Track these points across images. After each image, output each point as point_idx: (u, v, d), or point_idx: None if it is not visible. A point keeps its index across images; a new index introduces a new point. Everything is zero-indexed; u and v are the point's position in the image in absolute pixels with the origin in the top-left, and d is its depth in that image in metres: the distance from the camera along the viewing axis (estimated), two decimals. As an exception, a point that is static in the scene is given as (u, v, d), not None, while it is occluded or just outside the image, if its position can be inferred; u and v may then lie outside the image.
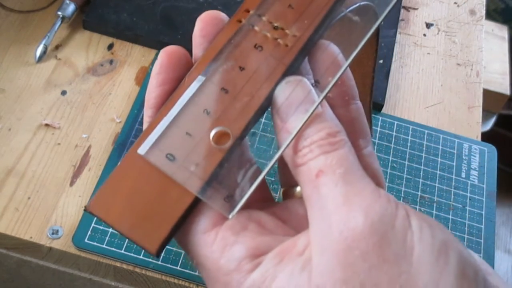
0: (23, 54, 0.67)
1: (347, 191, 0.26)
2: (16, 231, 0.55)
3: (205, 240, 0.28)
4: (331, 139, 0.27)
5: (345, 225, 0.25)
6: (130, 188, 0.28)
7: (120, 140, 0.61)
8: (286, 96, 0.29)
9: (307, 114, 0.28)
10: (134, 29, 0.69)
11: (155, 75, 0.30)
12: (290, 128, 0.28)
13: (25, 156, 0.60)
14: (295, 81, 0.29)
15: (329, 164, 0.27)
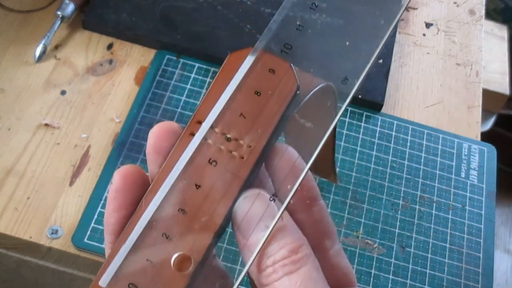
0: (22, 54, 0.67)
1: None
2: (16, 231, 0.55)
3: None
4: (293, 257, 0.27)
5: None
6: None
7: (120, 140, 0.61)
8: (245, 212, 0.28)
9: (267, 230, 0.27)
10: (133, 29, 0.69)
11: (111, 200, 0.29)
12: (251, 245, 0.28)
13: (25, 156, 0.60)
14: (253, 195, 0.28)
15: (293, 285, 0.27)
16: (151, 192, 0.29)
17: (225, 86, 0.30)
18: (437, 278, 0.58)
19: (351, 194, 0.62)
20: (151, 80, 0.66)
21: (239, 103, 0.30)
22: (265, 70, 0.30)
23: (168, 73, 0.67)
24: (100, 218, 0.56)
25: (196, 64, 0.68)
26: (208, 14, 0.71)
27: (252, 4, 0.72)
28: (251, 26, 0.70)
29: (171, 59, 0.68)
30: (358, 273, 0.57)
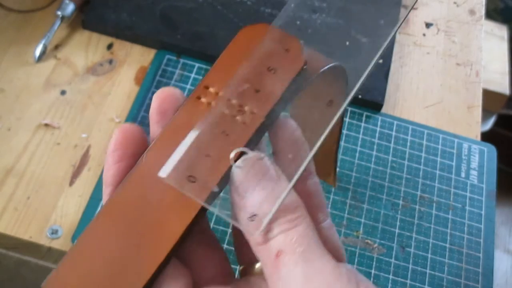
0: (22, 53, 0.67)
1: (308, 270, 0.26)
2: (16, 231, 0.55)
3: None
4: (289, 216, 0.27)
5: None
6: (86, 267, 0.28)
7: (120, 140, 0.61)
8: (244, 173, 0.28)
9: (263, 190, 0.28)
10: (133, 28, 0.69)
11: (111, 152, 0.30)
12: (248, 205, 0.28)
13: (25, 156, 0.60)
14: (254, 157, 0.29)
15: (289, 242, 0.27)
16: (153, 148, 0.30)
17: (234, 57, 0.31)
18: (437, 278, 0.58)
19: (351, 194, 0.62)
20: (151, 80, 0.66)
21: (246, 73, 0.31)
22: (274, 45, 0.31)
23: (168, 73, 0.67)
24: (100, 218, 0.56)
25: (196, 64, 0.68)
26: (208, 14, 0.70)
27: (252, 4, 0.72)
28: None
29: (171, 59, 0.68)
30: (358, 273, 0.57)
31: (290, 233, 0.27)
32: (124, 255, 0.28)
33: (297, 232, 0.27)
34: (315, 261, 0.27)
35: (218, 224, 0.58)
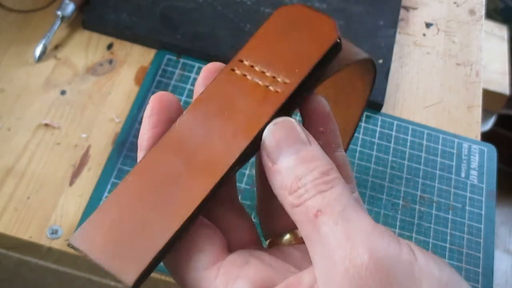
0: (22, 53, 0.67)
1: (348, 228, 0.26)
2: (16, 231, 0.55)
3: (206, 276, 0.28)
4: (325, 178, 0.28)
5: (350, 262, 0.26)
6: (113, 221, 0.28)
7: (120, 140, 0.61)
8: (274, 137, 0.29)
9: (296, 154, 0.28)
10: (133, 28, 0.69)
11: (147, 117, 0.31)
12: (281, 168, 0.28)
13: (25, 156, 0.60)
14: (284, 121, 0.29)
15: (327, 203, 0.27)
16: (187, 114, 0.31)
17: (269, 35, 0.32)
18: (437, 278, 0.58)
19: (351, 194, 0.62)
20: (151, 80, 0.66)
21: (281, 46, 0.32)
22: (310, 23, 0.32)
23: (168, 73, 0.67)
24: (100, 218, 0.56)
25: (196, 64, 0.68)
26: (208, 14, 0.71)
27: (252, 4, 0.72)
28: (251, 26, 0.70)
29: (171, 59, 0.68)
30: (358, 273, 0.57)
31: (328, 194, 0.27)
32: (151, 211, 0.28)
33: (335, 193, 0.27)
34: (354, 220, 0.27)
35: (218, 224, 0.58)
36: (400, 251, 0.26)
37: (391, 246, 0.26)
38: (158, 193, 0.29)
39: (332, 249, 0.26)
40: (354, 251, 0.26)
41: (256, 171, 0.34)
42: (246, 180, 0.60)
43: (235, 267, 0.28)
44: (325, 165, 0.28)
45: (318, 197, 0.27)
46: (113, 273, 0.27)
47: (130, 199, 0.29)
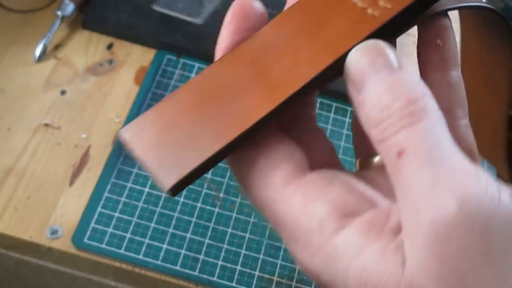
0: (22, 54, 0.67)
1: (436, 172, 0.22)
2: (16, 231, 0.55)
3: (283, 194, 0.25)
4: (412, 107, 0.23)
5: (435, 213, 0.22)
6: (167, 122, 0.27)
7: (120, 140, 0.61)
8: (360, 63, 0.25)
9: (384, 82, 0.24)
10: (133, 28, 0.69)
11: (226, 24, 0.28)
12: (365, 98, 0.24)
13: (25, 156, 0.60)
14: (371, 44, 0.25)
15: (412, 140, 0.23)
16: (271, 24, 0.29)
17: None
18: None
19: (351, 194, 0.62)
20: (151, 80, 0.66)
21: None
22: None
23: (168, 73, 0.67)
24: (100, 218, 0.56)
25: (196, 64, 0.68)
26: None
27: (252, 4, 0.71)
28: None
29: (171, 59, 0.68)
30: (358, 273, 0.57)
31: (414, 129, 0.23)
32: (208, 118, 0.26)
33: (422, 127, 0.23)
34: (444, 161, 0.22)
35: (218, 224, 0.58)
36: (499, 201, 0.22)
37: (488, 195, 0.22)
38: (220, 101, 0.27)
39: (416, 197, 0.22)
40: (441, 199, 0.22)
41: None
42: (246, 180, 0.60)
43: (315, 187, 0.25)
44: (414, 92, 0.24)
45: (402, 133, 0.23)
46: (154, 174, 0.25)
47: (189, 102, 0.27)
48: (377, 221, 0.24)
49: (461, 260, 0.21)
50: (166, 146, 0.26)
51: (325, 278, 0.24)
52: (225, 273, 0.55)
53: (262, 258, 0.56)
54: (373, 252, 0.23)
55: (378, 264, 0.23)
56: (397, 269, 0.22)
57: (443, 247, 0.21)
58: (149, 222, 0.57)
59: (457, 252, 0.21)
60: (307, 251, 0.24)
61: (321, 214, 0.24)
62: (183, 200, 0.58)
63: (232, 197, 0.59)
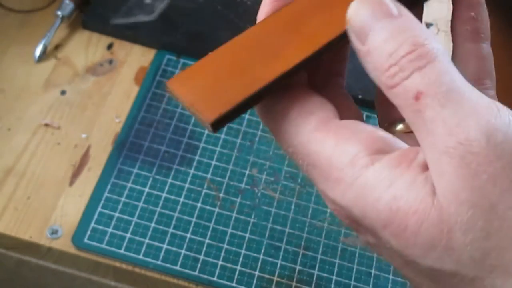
0: (22, 54, 0.67)
1: (458, 110, 0.23)
2: (16, 231, 0.55)
3: (316, 136, 0.26)
4: (420, 50, 0.24)
5: (465, 148, 0.23)
6: (216, 66, 0.29)
7: (120, 140, 0.61)
8: (361, 14, 0.26)
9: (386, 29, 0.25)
10: (133, 28, 0.69)
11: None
12: (370, 48, 0.25)
13: (25, 156, 0.60)
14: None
15: (428, 82, 0.23)
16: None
17: None
18: (437, 278, 0.58)
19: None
20: (151, 80, 0.66)
21: None
22: None
23: (168, 73, 0.67)
24: (100, 218, 0.56)
25: (196, 64, 0.68)
26: (208, 14, 0.71)
27: (252, 4, 0.72)
28: (251, 26, 0.69)
29: (171, 59, 0.68)
30: (358, 273, 0.57)
31: (427, 71, 0.23)
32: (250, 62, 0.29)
33: (435, 69, 0.24)
34: (464, 99, 0.23)
35: (218, 224, 0.58)
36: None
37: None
38: (258, 52, 0.29)
39: (441, 136, 0.23)
40: (469, 136, 0.22)
41: None
42: (246, 180, 0.60)
43: (347, 129, 0.26)
44: (419, 36, 0.24)
45: (416, 76, 0.24)
46: (195, 110, 0.27)
47: (230, 55, 0.30)
48: (406, 157, 0.25)
49: (491, 189, 0.22)
50: (208, 88, 0.28)
51: (356, 212, 0.25)
52: (225, 273, 0.55)
53: (262, 258, 0.56)
54: (403, 183, 0.24)
55: (408, 193, 0.24)
56: (427, 197, 0.23)
57: (474, 178, 0.22)
58: (149, 222, 0.57)
59: (488, 182, 0.22)
60: (339, 187, 0.25)
61: (353, 151, 0.25)
62: (183, 200, 0.58)
63: (232, 197, 0.59)
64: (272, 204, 0.59)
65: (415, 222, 0.23)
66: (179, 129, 0.63)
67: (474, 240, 0.23)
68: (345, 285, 0.56)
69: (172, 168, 0.60)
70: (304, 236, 0.58)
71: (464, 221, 0.23)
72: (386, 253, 0.26)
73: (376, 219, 0.24)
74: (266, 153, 0.62)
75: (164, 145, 0.62)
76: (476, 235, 0.23)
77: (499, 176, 0.23)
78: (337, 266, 0.57)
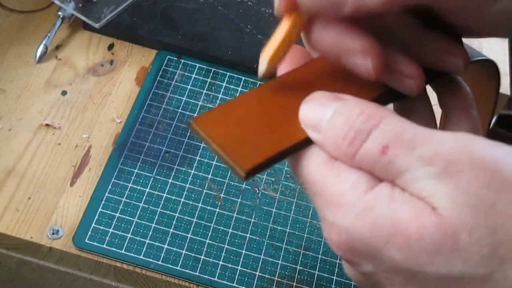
0: (23, 54, 0.67)
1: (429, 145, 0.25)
2: (17, 231, 0.55)
3: (323, 168, 0.27)
4: (368, 112, 0.26)
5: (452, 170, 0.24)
6: (241, 115, 0.30)
7: (121, 140, 0.61)
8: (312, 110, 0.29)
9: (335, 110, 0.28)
10: (134, 29, 0.69)
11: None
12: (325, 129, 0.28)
13: (26, 156, 0.60)
14: (313, 96, 0.29)
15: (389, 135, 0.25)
16: None
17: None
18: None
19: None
20: (152, 80, 0.66)
21: None
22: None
23: (169, 74, 0.67)
24: (101, 218, 0.56)
25: (197, 64, 0.68)
26: (209, 14, 0.71)
27: (253, 4, 0.72)
28: (252, 27, 0.70)
29: (172, 59, 0.68)
30: (359, 274, 0.57)
31: (383, 125, 0.26)
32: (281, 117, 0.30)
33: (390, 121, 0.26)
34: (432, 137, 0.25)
35: (219, 224, 0.58)
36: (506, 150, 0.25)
37: (492, 146, 0.25)
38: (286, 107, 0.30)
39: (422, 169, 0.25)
40: (451, 160, 0.24)
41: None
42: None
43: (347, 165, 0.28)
44: (363, 104, 0.27)
45: (374, 133, 0.26)
46: (231, 159, 0.28)
47: (258, 103, 0.30)
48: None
49: (486, 193, 0.24)
50: (240, 136, 0.29)
51: (356, 233, 0.26)
52: (226, 274, 0.55)
53: (262, 259, 0.56)
54: (402, 198, 0.25)
55: (408, 205, 0.25)
56: (426, 206, 0.25)
57: (468, 187, 0.24)
58: (150, 222, 0.57)
59: (481, 188, 0.24)
60: (340, 210, 0.26)
61: (353, 178, 0.26)
62: (184, 200, 0.59)
63: (232, 197, 0.59)
64: (273, 205, 0.59)
65: (418, 229, 0.24)
66: (180, 130, 0.63)
67: (480, 238, 0.23)
68: (345, 285, 0.56)
69: (173, 168, 0.60)
70: (304, 236, 0.58)
71: (468, 222, 0.24)
72: (385, 277, 0.26)
73: (378, 236, 0.25)
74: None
75: (164, 145, 0.62)
76: (481, 233, 0.24)
77: (490, 182, 0.24)
78: (338, 266, 0.57)
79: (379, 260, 0.25)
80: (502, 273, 0.24)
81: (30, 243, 0.55)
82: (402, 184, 0.25)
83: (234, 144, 0.28)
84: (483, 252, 0.24)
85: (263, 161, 0.28)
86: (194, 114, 0.64)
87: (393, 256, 0.25)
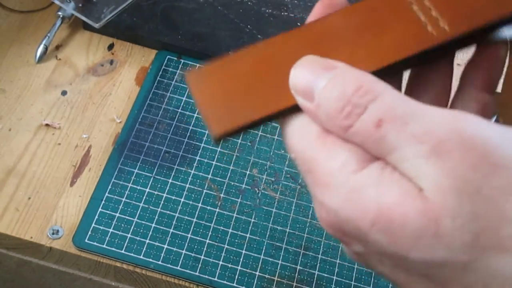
0: (23, 54, 0.67)
1: (421, 123, 0.25)
2: (17, 231, 0.55)
3: (315, 144, 0.27)
4: (366, 87, 0.26)
5: (440, 150, 0.24)
6: (235, 73, 0.29)
7: (121, 140, 0.61)
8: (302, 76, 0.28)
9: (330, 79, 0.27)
10: (134, 29, 0.69)
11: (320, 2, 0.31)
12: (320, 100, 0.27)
13: (26, 156, 0.60)
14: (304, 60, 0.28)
15: (385, 109, 0.25)
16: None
17: None
18: (438, 278, 0.58)
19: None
20: (152, 80, 0.66)
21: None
22: None
23: (169, 74, 0.67)
24: (101, 218, 0.56)
25: (197, 64, 0.68)
26: (209, 14, 0.71)
27: (253, 4, 0.72)
28: (252, 26, 0.70)
29: (172, 59, 0.68)
30: (359, 273, 0.57)
31: (380, 100, 0.25)
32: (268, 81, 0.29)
33: (387, 96, 0.25)
34: (425, 113, 0.25)
35: (219, 224, 0.58)
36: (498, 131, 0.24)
37: (484, 127, 0.24)
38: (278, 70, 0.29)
39: (412, 147, 0.24)
40: (440, 139, 0.24)
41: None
42: (246, 180, 0.60)
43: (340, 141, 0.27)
44: (360, 77, 0.26)
45: (371, 107, 0.25)
46: (206, 119, 0.28)
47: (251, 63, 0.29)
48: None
49: (473, 176, 0.23)
50: (222, 98, 0.29)
51: (343, 215, 0.26)
52: (226, 274, 0.55)
53: (262, 258, 0.56)
54: (389, 182, 0.25)
55: (394, 189, 0.25)
56: (412, 190, 0.24)
57: (455, 170, 0.24)
58: (150, 222, 0.57)
59: (468, 170, 0.24)
60: (328, 190, 0.26)
61: (343, 158, 0.26)
62: (184, 200, 0.59)
63: (232, 197, 0.59)
64: (273, 204, 0.59)
65: (401, 214, 0.24)
66: (180, 130, 0.63)
67: (463, 224, 0.23)
68: (345, 285, 0.56)
69: (173, 168, 0.60)
70: (304, 236, 0.58)
71: (451, 208, 0.23)
72: (375, 258, 0.26)
73: (364, 219, 0.25)
74: (266, 154, 0.62)
75: (164, 145, 0.62)
76: (464, 219, 0.23)
77: (478, 165, 0.23)
78: (338, 266, 0.57)
79: (366, 242, 0.25)
80: (485, 262, 0.23)
81: (30, 243, 0.55)
82: (393, 162, 0.25)
83: (215, 104, 0.28)
84: (466, 238, 0.23)
85: (239, 126, 0.28)
86: (194, 114, 0.64)
87: (377, 240, 0.25)
